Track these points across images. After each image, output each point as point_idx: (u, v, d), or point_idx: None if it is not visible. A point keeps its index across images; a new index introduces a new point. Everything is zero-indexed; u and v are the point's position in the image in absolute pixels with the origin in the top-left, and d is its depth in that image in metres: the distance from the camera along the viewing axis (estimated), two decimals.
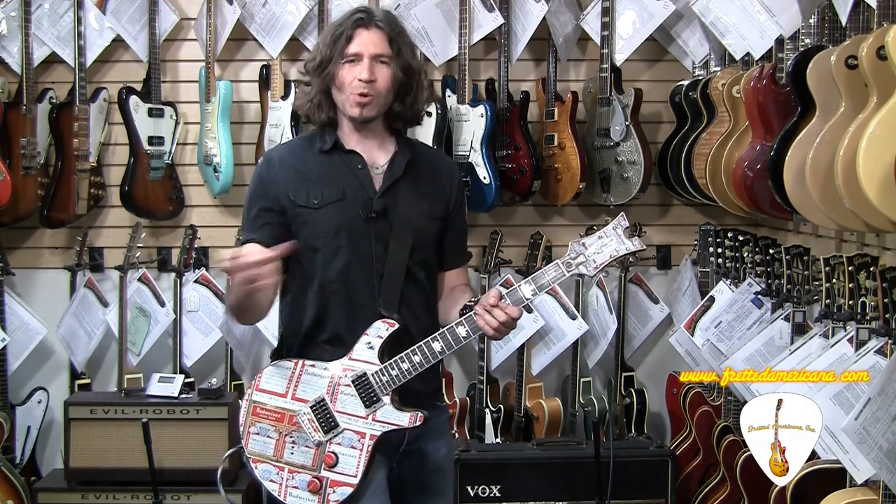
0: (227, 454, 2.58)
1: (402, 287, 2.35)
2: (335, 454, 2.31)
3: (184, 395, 3.72)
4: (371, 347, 2.31)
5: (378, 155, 2.41)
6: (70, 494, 3.65)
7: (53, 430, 4.12)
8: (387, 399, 2.30)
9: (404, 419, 2.31)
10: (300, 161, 2.39)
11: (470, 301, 2.39)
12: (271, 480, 2.34)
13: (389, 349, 2.31)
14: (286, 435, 2.33)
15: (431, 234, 2.44)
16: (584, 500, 3.46)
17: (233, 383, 4.06)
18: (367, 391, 2.30)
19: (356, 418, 2.31)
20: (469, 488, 3.52)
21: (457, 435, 3.97)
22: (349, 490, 2.30)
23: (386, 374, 2.29)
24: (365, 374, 2.30)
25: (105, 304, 4.08)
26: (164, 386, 3.73)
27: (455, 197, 2.51)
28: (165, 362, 4.11)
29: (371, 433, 2.30)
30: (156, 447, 3.36)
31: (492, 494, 3.54)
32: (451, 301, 2.49)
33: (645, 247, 2.29)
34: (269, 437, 2.35)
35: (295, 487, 2.32)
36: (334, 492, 2.31)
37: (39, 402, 4.03)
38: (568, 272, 2.25)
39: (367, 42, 2.32)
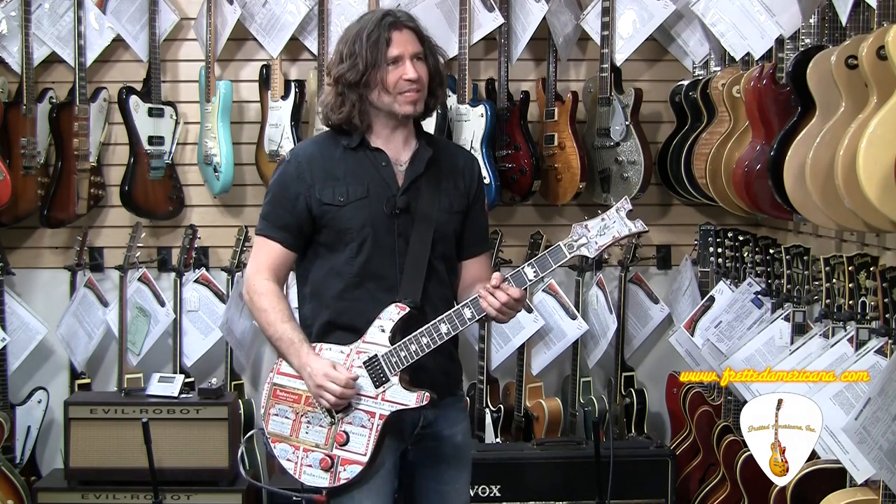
0: (245, 437, 2.62)
1: (423, 280, 2.42)
2: (346, 433, 2.37)
3: (184, 395, 3.71)
4: (383, 331, 2.37)
5: (402, 152, 2.48)
6: (70, 494, 3.65)
7: (53, 429, 4.12)
8: (395, 379, 2.36)
9: (411, 399, 2.36)
10: (326, 158, 2.45)
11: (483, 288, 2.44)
12: (288, 459, 2.42)
13: (402, 333, 2.37)
14: (302, 415, 2.41)
15: (452, 228, 2.51)
16: (584, 500, 3.46)
17: (233, 383, 4.06)
18: (376, 372, 2.37)
19: (366, 398, 2.37)
20: (469, 488, 3.51)
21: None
22: (359, 468, 2.37)
23: (395, 355, 2.35)
24: (376, 355, 2.37)
25: (105, 303, 4.08)
26: (164, 386, 3.73)
27: (474, 189, 2.58)
28: (165, 362, 4.11)
29: (380, 413, 2.36)
30: (156, 447, 3.36)
31: (492, 494, 3.54)
32: (472, 292, 2.51)
33: (647, 228, 2.33)
34: (286, 417, 2.43)
35: (309, 466, 2.40)
36: (345, 469, 2.37)
37: (39, 402, 4.03)
38: (570, 254, 2.30)
39: (404, 42, 2.40)
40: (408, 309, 2.37)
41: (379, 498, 2.44)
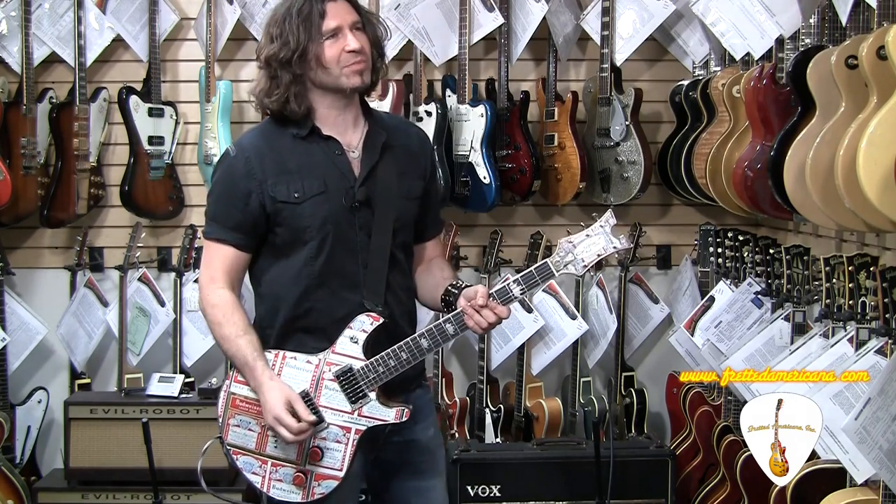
0: (205, 446, 2.55)
1: (386, 274, 2.32)
2: (320, 449, 2.29)
3: (184, 395, 3.72)
4: (355, 342, 2.28)
5: (352, 136, 2.35)
6: (70, 494, 3.65)
7: (53, 429, 4.12)
8: (373, 395, 2.29)
9: (390, 415, 2.30)
10: (276, 150, 2.30)
11: (451, 286, 2.35)
12: (254, 473, 2.32)
13: (373, 340, 2.29)
14: (269, 429, 2.29)
15: (412, 215, 2.41)
16: (584, 500, 3.46)
17: None
18: (352, 387, 2.28)
19: (341, 413, 2.29)
20: (469, 488, 3.52)
21: (457, 435, 3.97)
22: (335, 483, 2.30)
23: (373, 371, 2.27)
24: (351, 368, 2.28)
25: (105, 303, 4.08)
26: (164, 386, 3.73)
27: (429, 171, 2.48)
28: (165, 362, 4.11)
29: (357, 428, 2.29)
30: (156, 447, 3.36)
31: (492, 494, 3.54)
32: (430, 276, 2.46)
33: (632, 245, 2.29)
34: (250, 429, 2.32)
35: (279, 480, 2.31)
36: (319, 485, 2.30)
37: (39, 402, 4.03)
38: (557, 272, 2.23)
39: (341, 13, 2.26)
40: (381, 320, 2.28)
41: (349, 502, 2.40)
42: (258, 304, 2.42)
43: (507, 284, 2.23)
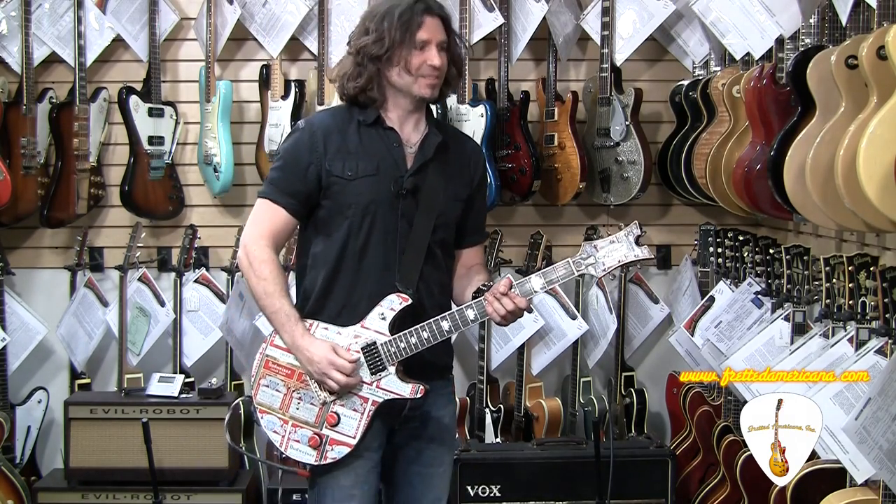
0: (233, 402, 2.89)
1: (421, 264, 2.45)
2: (337, 414, 2.41)
3: (184, 395, 3.72)
4: (383, 318, 2.40)
5: (412, 134, 2.51)
6: (70, 494, 3.66)
7: (53, 429, 4.12)
8: (392, 369, 2.40)
9: (406, 390, 2.41)
10: (341, 131, 2.46)
11: (483, 285, 2.48)
12: (275, 431, 2.45)
13: (401, 322, 2.41)
14: (294, 391, 2.44)
15: (454, 215, 2.54)
16: (584, 500, 3.46)
17: (233, 383, 4.06)
18: (374, 359, 2.40)
19: (362, 383, 2.41)
20: (469, 488, 3.52)
21: (457, 435, 3.97)
22: (347, 450, 2.42)
23: (394, 345, 2.39)
24: (375, 342, 2.40)
25: (105, 303, 4.08)
26: (164, 386, 3.73)
27: (478, 178, 2.62)
28: (165, 362, 4.11)
29: (374, 399, 2.41)
30: (156, 447, 3.36)
31: (492, 494, 3.54)
32: (467, 281, 2.58)
33: (653, 256, 2.38)
34: (277, 390, 2.46)
35: (296, 441, 2.44)
36: (332, 449, 2.42)
37: (39, 402, 4.03)
38: (577, 271, 2.35)
39: (434, 29, 2.43)
40: (409, 301, 2.40)
41: (359, 478, 2.47)
42: (301, 277, 2.54)
43: (530, 279, 2.36)
